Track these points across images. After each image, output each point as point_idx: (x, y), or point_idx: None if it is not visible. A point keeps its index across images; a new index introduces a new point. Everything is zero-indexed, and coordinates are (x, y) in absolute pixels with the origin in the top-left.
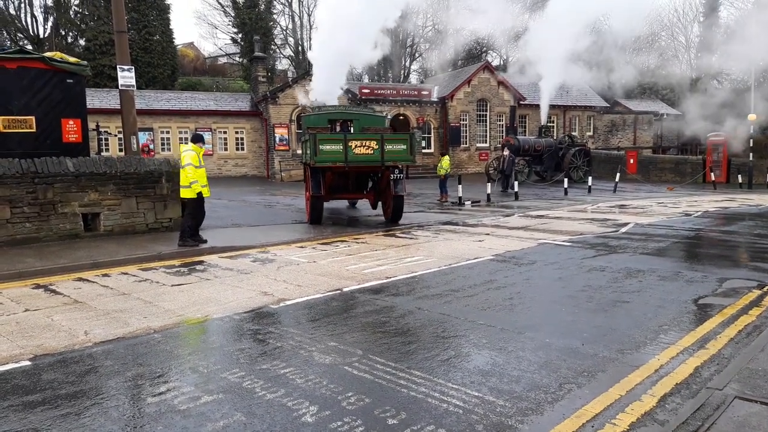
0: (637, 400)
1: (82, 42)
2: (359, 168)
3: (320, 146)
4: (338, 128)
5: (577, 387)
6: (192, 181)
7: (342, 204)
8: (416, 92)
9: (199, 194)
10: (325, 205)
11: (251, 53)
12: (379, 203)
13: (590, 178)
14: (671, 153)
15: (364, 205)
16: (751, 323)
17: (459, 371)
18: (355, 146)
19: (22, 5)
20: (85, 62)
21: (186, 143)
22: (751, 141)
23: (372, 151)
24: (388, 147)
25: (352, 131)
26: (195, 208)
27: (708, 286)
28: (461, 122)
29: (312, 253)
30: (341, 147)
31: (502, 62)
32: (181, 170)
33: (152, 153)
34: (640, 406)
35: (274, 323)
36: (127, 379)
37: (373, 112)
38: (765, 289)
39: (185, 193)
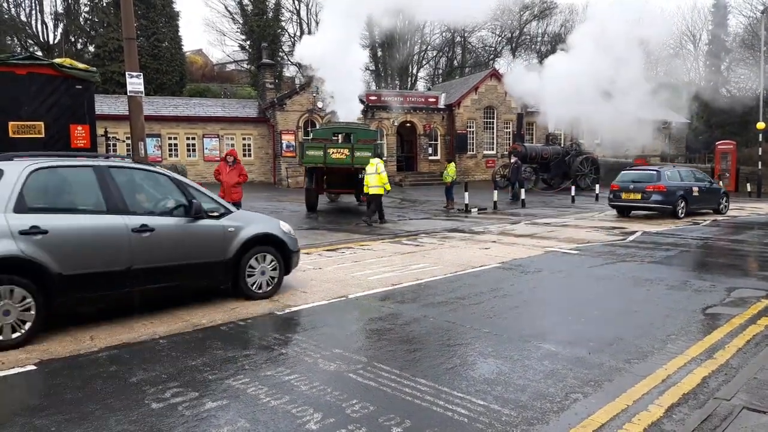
0: (644, 410)
1: (91, 48)
2: (335, 168)
3: (306, 151)
4: (341, 139)
5: (584, 396)
6: (384, 182)
7: (345, 202)
8: (423, 99)
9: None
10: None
11: (259, 60)
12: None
13: (598, 186)
14: (679, 161)
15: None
16: (759, 333)
17: (464, 379)
18: (333, 152)
19: (33, 12)
20: (94, 68)
21: (339, 153)
22: (760, 149)
23: (345, 156)
24: (357, 153)
25: (351, 141)
26: (382, 201)
27: (716, 296)
28: (468, 129)
29: (318, 259)
30: (321, 153)
31: (509, 69)
32: (377, 175)
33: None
34: (647, 416)
35: (278, 329)
36: (132, 384)
37: (368, 127)
38: None
39: (377, 191)
